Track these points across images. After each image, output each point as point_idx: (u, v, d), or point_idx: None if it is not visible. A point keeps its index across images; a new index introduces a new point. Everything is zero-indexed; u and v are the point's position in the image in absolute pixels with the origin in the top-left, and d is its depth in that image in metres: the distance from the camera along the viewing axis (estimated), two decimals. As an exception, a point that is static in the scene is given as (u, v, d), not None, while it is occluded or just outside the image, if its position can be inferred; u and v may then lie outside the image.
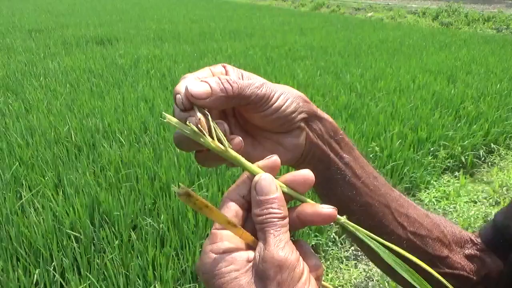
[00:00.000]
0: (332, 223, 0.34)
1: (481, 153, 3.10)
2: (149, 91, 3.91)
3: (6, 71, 4.66)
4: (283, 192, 0.33)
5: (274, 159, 0.34)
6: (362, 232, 0.35)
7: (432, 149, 2.97)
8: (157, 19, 9.95)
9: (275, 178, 0.33)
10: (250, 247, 0.32)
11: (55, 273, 1.64)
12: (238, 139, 0.36)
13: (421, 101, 3.75)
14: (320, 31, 8.29)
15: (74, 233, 1.81)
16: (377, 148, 2.80)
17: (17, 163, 2.39)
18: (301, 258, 0.30)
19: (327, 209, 0.32)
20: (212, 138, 0.33)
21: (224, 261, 0.30)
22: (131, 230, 1.90)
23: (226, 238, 0.31)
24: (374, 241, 0.35)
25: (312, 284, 0.30)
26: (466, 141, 3.07)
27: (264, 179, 0.32)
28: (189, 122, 0.34)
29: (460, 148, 3.01)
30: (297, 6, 15.56)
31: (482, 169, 3.01)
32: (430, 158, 2.86)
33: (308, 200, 0.34)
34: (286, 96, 0.38)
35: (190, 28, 8.45)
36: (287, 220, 0.31)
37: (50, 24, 8.71)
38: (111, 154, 2.50)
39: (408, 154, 2.78)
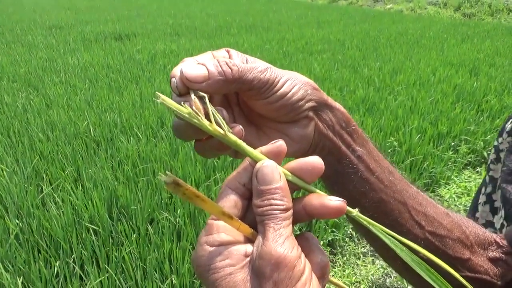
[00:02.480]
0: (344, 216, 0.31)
1: (504, 148, 3.00)
2: (166, 86, 3.93)
3: (28, 67, 4.76)
4: (288, 181, 0.30)
5: (279, 144, 0.31)
6: (377, 227, 0.32)
7: (453, 144, 2.90)
8: (174, 14, 10.00)
9: (280, 165, 0.31)
10: (249, 240, 0.29)
11: (74, 265, 1.67)
12: (239, 127, 0.33)
13: (442, 94, 3.66)
14: (337, 24, 8.18)
15: (93, 226, 1.85)
16: (395, 143, 2.75)
17: (38, 158, 2.44)
18: (303, 255, 0.28)
19: (335, 201, 0.29)
20: (210, 122, 0.31)
21: (220, 255, 0.27)
22: (148, 224, 1.92)
23: (223, 230, 0.29)
24: (391, 238, 0.32)
25: (314, 285, 0.27)
26: (489, 136, 2.98)
27: (267, 166, 0.29)
28: (184, 103, 0.31)
29: (482, 143, 2.93)
30: (314, -1, 15.37)
31: (506, 164, 2.92)
32: (450, 153, 2.79)
33: (316, 190, 0.31)
34: (293, 83, 0.35)
35: (206, 22, 8.46)
36: (290, 212, 0.29)
37: (70, 20, 8.85)
38: (128, 148, 2.53)
39: (428, 149, 2.72)
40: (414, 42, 6.19)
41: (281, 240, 0.27)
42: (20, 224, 1.85)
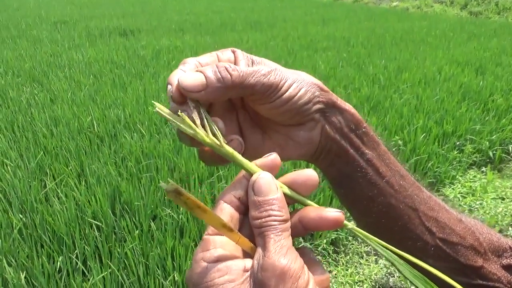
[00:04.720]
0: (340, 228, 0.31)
1: (510, 148, 2.98)
2: (170, 82, 3.92)
3: (32, 62, 4.77)
4: (284, 194, 0.30)
5: (273, 157, 0.31)
6: (373, 240, 0.32)
7: (458, 143, 2.88)
8: (178, 10, 9.98)
9: (275, 178, 0.30)
10: (247, 255, 0.29)
11: (77, 261, 1.67)
12: (237, 141, 0.33)
13: (447, 93, 3.63)
14: (342, 22, 8.13)
15: (96, 222, 1.85)
16: (400, 142, 2.73)
17: (42, 153, 2.44)
18: (305, 267, 0.27)
19: (333, 213, 0.29)
20: (206, 132, 0.30)
21: (218, 270, 0.26)
22: (151, 220, 1.91)
23: (220, 245, 0.28)
24: (388, 251, 0.31)
25: None
26: (495, 136, 2.95)
27: (263, 178, 0.29)
28: (181, 112, 0.30)
29: (487, 142, 2.90)
30: (319, -4, 15.27)
31: (511, 164, 2.90)
32: (455, 152, 2.77)
33: (312, 203, 0.31)
34: (299, 85, 0.34)
35: (211, 19, 8.44)
36: (289, 223, 0.28)
37: (75, 15, 8.86)
38: (132, 144, 2.53)
39: (433, 148, 2.70)
40: (420, 40, 6.15)
41: (283, 251, 0.26)
42: (24, 219, 1.86)
